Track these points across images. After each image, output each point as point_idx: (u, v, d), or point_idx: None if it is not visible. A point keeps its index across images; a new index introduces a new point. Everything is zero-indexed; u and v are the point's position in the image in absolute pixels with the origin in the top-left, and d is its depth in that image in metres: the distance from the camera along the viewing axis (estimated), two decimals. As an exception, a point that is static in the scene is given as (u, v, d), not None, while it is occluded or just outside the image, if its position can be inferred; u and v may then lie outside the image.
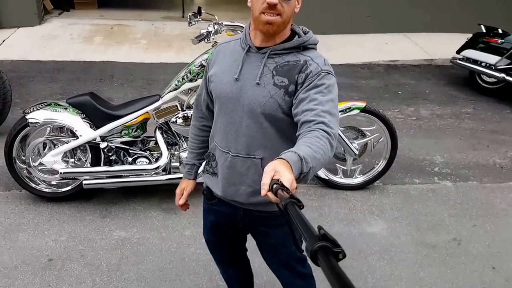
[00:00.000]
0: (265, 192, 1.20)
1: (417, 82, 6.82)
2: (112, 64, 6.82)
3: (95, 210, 3.46)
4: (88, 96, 3.32)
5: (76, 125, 3.24)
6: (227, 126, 1.73)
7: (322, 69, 1.60)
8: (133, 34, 8.11)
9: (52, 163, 3.28)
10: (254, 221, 1.88)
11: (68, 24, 8.27)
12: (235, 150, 1.72)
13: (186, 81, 3.28)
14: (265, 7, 1.52)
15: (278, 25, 1.56)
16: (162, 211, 3.49)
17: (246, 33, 1.71)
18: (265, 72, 1.64)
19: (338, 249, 0.84)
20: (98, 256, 3.01)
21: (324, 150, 1.42)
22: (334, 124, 1.52)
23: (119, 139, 3.39)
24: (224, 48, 1.79)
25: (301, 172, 1.32)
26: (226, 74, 1.71)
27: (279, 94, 1.61)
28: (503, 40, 6.03)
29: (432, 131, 5.27)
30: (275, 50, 1.64)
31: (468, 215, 3.71)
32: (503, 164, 4.59)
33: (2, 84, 4.25)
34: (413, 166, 4.43)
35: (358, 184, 3.93)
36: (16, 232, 3.19)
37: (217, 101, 1.76)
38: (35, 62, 6.56)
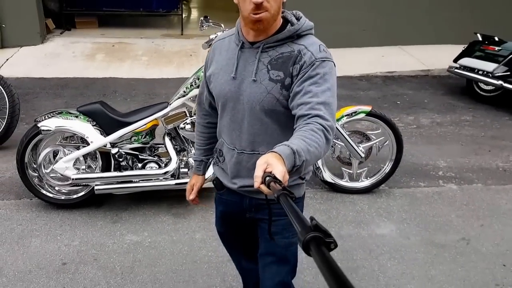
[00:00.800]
0: (258, 184, 1.21)
1: (415, 92, 6.88)
2: (114, 80, 6.87)
3: (105, 216, 3.46)
4: (98, 104, 3.36)
5: (87, 132, 3.27)
6: (231, 124, 1.74)
7: (317, 57, 1.56)
8: (134, 51, 8.18)
9: (64, 169, 3.29)
10: (259, 209, 1.87)
11: (70, 42, 8.34)
12: (240, 147, 1.74)
13: (194, 87, 3.32)
14: (253, 7, 1.49)
15: (267, 21, 1.54)
16: (172, 216, 3.50)
17: (238, 29, 1.68)
18: (260, 68, 1.61)
19: (330, 239, 0.84)
20: (111, 259, 3.01)
21: (318, 143, 1.42)
22: (330, 116, 1.51)
23: (129, 145, 3.42)
24: (220, 45, 1.77)
25: (294, 165, 1.33)
26: (223, 73, 1.70)
27: (276, 89, 1.59)
28: (500, 48, 6.10)
29: (433, 138, 5.31)
30: (267, 43, 1.61)
31: (475, 216, 3.73)
32: (506, 167, 4.62)
33: (11, 98, 4.29)
34: (417, 171, 4.46)
35: (364, 187, 3.95)
36: (28, 238, 3.19)
37: (218, 101, 1.76)
38: (39, 79, 6.60)
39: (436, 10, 8.60)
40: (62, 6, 8.91)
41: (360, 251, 3.21)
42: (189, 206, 3.62)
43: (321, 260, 0.77)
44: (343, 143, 3.77)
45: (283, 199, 1.04)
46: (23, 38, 7.72)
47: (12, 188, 3.78)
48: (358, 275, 2.99)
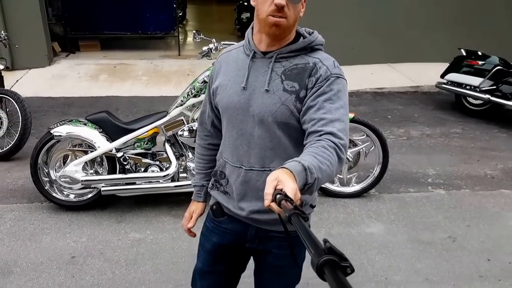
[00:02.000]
0: (268, 202, 1.14)
1: (405, 107, 7.11)
2: (117, 98, 7.15)
3: (110, 217, 3.69)
4: (104, 113, 3.65)
5: (94, 138, 3.53)
6: (238, 139, 1.63)
7: (332, 72, 1.52)
8: (135, 71, 8.49)
9: (74, 172, 3.54)
10: (265, 241, 1.73)
11: (75, 64, 8.66)
12: (248, 164, 1.62)
13: (191, 97, 3.59)
14: (273, 9, 1.45)
15: (284, 28, 1.50)
16: (172, 217, 3.71)
17: (249, 39, 1.63)
18: (274, 78, 1.55)
19: (346, 263, 0.79)
20: (116, 253, 3.23)
21: (330, 161, 1.35)
22: (344, 134, 1.45)
23: (132, 150, 3.67)
24: (227, 57, 1.70)
25: (305, 183, 1.25)
26: (232, 84, 1.61)
27: (290, 100, 1.52)
28: (483, 62, 6.32)
29: (422, 148, 5.52)
30: (281, 53, 1.56)
31: (462, 217, 3.92)
32: (494, 174, 4.82)
33: (23, 111, 4.56)
34: (407, 178, 4.67)
35: (355, 192, 4.16)
36: (40, 235, 3.42)
37: (224, 114, 1.66)
38: (47, 98, 6.88)
39: (423, 29, 8.84)
40: (67, 30, 9.29)
41: (349, 247, 3.41)
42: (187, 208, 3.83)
43: (336, 285, 0.72)
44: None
45: (295, 219, 0.97)
46: (32, 61, 8.05)
47: (24, 193, 4.03)
48: (348, 267, 3.17)
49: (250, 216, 1.66)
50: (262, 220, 1.66)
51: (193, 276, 1.95)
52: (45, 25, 8.27)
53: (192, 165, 3.66)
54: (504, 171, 4.90)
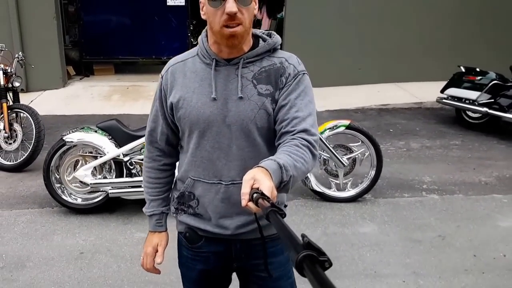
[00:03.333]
0: (245, 202, 1.14)
1: (408, 122, 7.30)
2: (128, 116, 7.44)
3: (118, 219, 3.94)
4: (114, 120, 3.93)
5: (103, 144, 3.80)
6: (213, 153, 1.54)
7: (299, 70, 1.54)
8: (147, 92, 8.81)
9: (84, 176, 3.80)
10: (252, 253, 1.64)
11: (88, 86, 9.03)
12: (228, 178, 1.54)
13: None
14: (226, 18, 1.40)
15: (241, 35, 1.45)
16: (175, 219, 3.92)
17: (205, 47, 1.54)
18: (245, 84, 1.50)
19: (324, 258, 0.80)
20: (122, 250, 3.46)
21: (305, 159, 1.37)
22: (315, 128, 1.48)
23: (139, 156, 3.91)
24: (181, 68, 1.58)
25: (281, 181, 1.27)
26: (198, 95, 1.52)
27: (267, 103, 1.50)
28: (481, 77, 6.57)
29: (421, 159, 5.69)
30: (247, 58, 1.52)
31: (453, 219, 4.08)
32: (488, 181, 4.97)
33: (37, 124, 4.86)
34: (403, 185, 4.84)
35: (351, 196, 4.35)
36: (51, 235, 3.68)
37: (194, 129, 1.54)
38: (61, 116, 7.21)
39: (428, 50, 9.14)
40: (82, 55, 9.70)
41: (343, 245, 3.59)
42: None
43: (316, 280, 0.73)
44: (328, 155, 4.20)
45: (273, 217, 0.98)
46: (46, 83, 8.45)
47: (36, 199, 4.30)
48: (339, 262, 3.35)
49: (235, 232, 1.59)
50: (247, 231, 1.60)
51: None
52: (61, 50, 8.70)
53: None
54: (498, 178, 5.04)
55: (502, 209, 4.30)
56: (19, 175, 4.86)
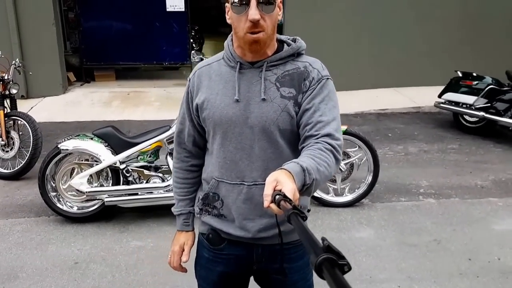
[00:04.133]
0: (267, 203, 1.13)
1: (406, 126, 7.26)
2: (129, 122, 7.42)
3: (114, 227, 3.89)
4: (110, 127, 3.90)
5: (99, 151, 3.76)
6: (236, 154, 1.55)
7: (323, 75, 1.54)
8: (148, 98, 8.79)
9: (79, 184, 3.76)
10: (274, 258, 1.64)
11: (89, 92, 9.01)
12: (250, 179, 1.55)
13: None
14: (249, 26, 1.43)
15: (264, 41, 1.48)
16: (173, 227, 3.74)
17: (230, 51, 1.58)
18: (268, 86, 1.51)
19: (343, 261, 0.80)
20: (118, 259, 3.41)
21: (328, 162, 1.36)
22: (339, 133, 1.47)
23: (135, 163, 3.88)
24: (207, 71, 1.62)
25: (304, 184, 1.26)
26: (221, 97, 1.54)
27: (290, 106, 1.50)
28: (477, 82, 6.57)
29: (419, 163, 5.66)
30: (271, 61, 1.53)
31: (449, 222, 4.04)
32: (484, 185, 4.93)
33: (34, 132, 4.82)
34: (400, 189, 4.80)
35: (348, 201, 4.31)
36: (46, 245, 3.63)
37: (217, 129, 1.56)
38: (60, 123, 7.18)
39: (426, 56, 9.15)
40: (83, 61, 9.68)
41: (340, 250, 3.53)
42: (189, 219, 4.01)
43: (334, 283, 0.73)
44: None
45: (294, 219, 0.98)
46: (46, 89, 8.43)
47: (32, 208, 4.25)
48: (335, 268, 3.30)
49: (254, 235, 1.58)
50: (268, 236, 1.58)
51: None
52: (61, 56, 8.68)
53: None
54: (494, 181, 5.01)
55: (497, 212, 4.27)
56: (16, 183, 4.83)
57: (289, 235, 1.56)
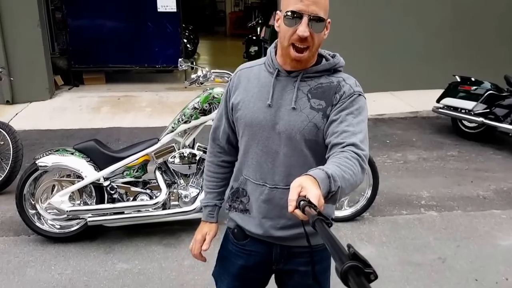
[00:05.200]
0: (292, 208, 1.13)
1: (404, 132, 7.07)
2: (118, 129, 7.15)
3: (99, 248, 3.61)
4: (92, 141, 3.62)
5: (81, 167, 3.49)
6: (262, 156, 1.61)
7: (355, 90, 1.57)
8: (139, 103, 8.53)
9: (60, 203, 3.48)
10: (292, 259, 1.70)
11: (77, 97, 8.72)
12: (272, 182, 1.61)
13: (181, 123, 3.57)
14: (296, 38, 1.48)
15: (306, 61, 1.55)
16: (163, 246, 3.64)
17: (272, 57, 1.63)
18: (300, 96, 1.56)
19: (370, 270, 0.79)
20: (101, 285, 3.16)
21: (353, 171, 1.35)
22: (365, 145, 1.48)
23: (121, 179, 3.62)
24: (247, 73, 1.69)
25: (329, 191, 1.25)
26: (255, 100, 1.61)
27: (318, 118, 1.54)
28: (476, 87, 6.38)
29: (418, 172, 5.45)
30: (307, 73, 1.58)
31: (452, 238, 3.84)
32: (486, 195, 4.74)
33: (15, 143, 4.52)
34: (401, 200, 4.59)
35: (348, 216, 4.08)
36: (24, 268, 3.35)
37: (246, 130, 1.63)
38: (46, 131, 6.89)
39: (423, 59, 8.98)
40: (71, 63, 9.36)
41: (339, 272, 3.31)
42: (180, 237, 3.77)
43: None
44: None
45: (319, 225, 0.97)
46: (32, 94, 8.11)
47: (11, 226, 3.95)
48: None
49: (271, 233, 1.65)
50: (285, 236, 1.65)
51: None
52: (47, 58, 8.36)
53: (184, 192, 3.62)
54: (496, 191, 4.82)
55: (502, 226, 4.08)
56: (-5, 198, 4.53)
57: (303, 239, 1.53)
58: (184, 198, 3.59)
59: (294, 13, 1.47)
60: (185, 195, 3.60)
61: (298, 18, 1.47)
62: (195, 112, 3.54)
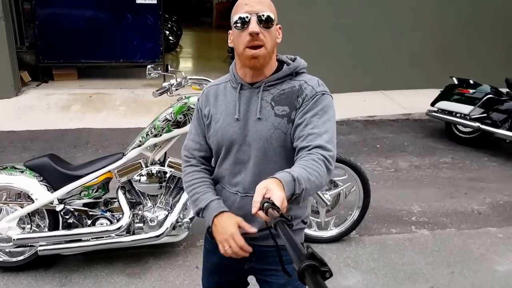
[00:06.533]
0: (255, 210, 1.21)
1: (396, 136, 6.84)
2: (88, 130, 6.81)
3: (54, 279, 3.29)
4: (46, 157, 3.26)
5: (31, 188, 3.15)
6: (234, 167, 1.70)
7: (317, 91, 1.63)
8: (112, 101, 8.18)
9: (7, 229, 3.15)
10: (262, 259, 1.78)
11: (45, 94, 8.33)
12: (243, 190, 1.69)
13: (151, 136, 3.26)
14: (249, 39, 1.55)
15: (263, 57, 1.59)
16: (126, 276, 3.34)
17: (234, 73, 1.72)
18: (264, 106, 1.64)
19: (325, 268, 0.85)
20: (52, 326, 2.84)
21: (319, 172, 1.44)
22: (332, 145, 1.55)
23: (78, 201, 3.30)
24: (214, 91, 1.77)
25: (293, 193, 1.34)
26: (224, 117, 1.69)
27: (284, 124, 1.62)
28: (474, 90, 6.14)
29: (410, 181, 5.23)
30: (268, 82, 1.65)
31: (446, 262, 3.61)
32: (481, 210, 4.53)
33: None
34: (390, 216, 4.35)
35: (333, 236, 3.83)
36: (-34, 304, 3.03)
37: (220, 146, 1.71)
38: (8, 133, 6.53)
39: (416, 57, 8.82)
40: (39, 58, 8.94)
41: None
42: (146, 264, 3.47)
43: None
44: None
45: (281, 227, 1.03)
46: (-4, 92, 7.73)
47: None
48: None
49: (246, 236, 1.63)
50: (255, 237, 1.66)
51: None
52: (11, 53, 7.97)
53: (150, 215, 3.30)
54: (491, 205, 4.63)
55: (498, 247, 3.86)
56: None
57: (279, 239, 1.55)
58: (150, 222, 3.27)
59: (241, 18, 1.58)
60: (151, 218, 3.28)
61: (247, 22, 1.57)
62: (167, 124, 3.23)
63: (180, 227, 3.33)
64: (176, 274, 3.36)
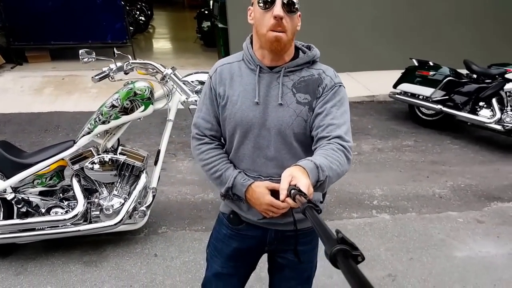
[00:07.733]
0: (283, 197, 1.18)
1: (360, 118, 6.68)
2: (59, 114, 6.49)
3: (10, 267, 3.06)
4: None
5: (-19, 177, 2.90)
6: (254, 152, 1.62)
7: (335, 82, 1.59)
8: (84, 83, 7.83)
9: (-43, 219, 2.91)
10: (284, 242, 1.75)
11: (19, 77, 7.94)
12: (266, 175, 1.62)
13: (99, 123, 3.00)
14: (273, 23, 1.46)
15: (285, 42, 1.51)
16: (83, 264, 3.12)
17: (250, 53, 1.61)
18: (285, 91, 1.57)
19: (357, 252, 0.83)
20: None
21: (340, 162, 1.41)
22: (349, 136, 1.53)
23: (33, 189, 3.06)
24: (228, 70, 1.64)
25: (317, 180, 1.31)
26: (242, 99, 1.58)
27: (304, 111, 1.56)
28: (434, 72, 5.97)
29: (372, 165, 5.08)
30: (288, 67, 1.58)
31: (405, 248, 3.47)
32: (442, 194, 4.41)
33: None
34: (352, 200, 4.21)
35: None
36: None
37: (237, 129, 1.61)
38: (-21, 117, 6.18)
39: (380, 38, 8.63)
40: (9, 40, 8.48)
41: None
42: (104, 252, 3.25)
43: (349, 273, 0.75)
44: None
45: (309, 212, 1.01)
46: (-32, 74, 7.31)
47: None
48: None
49: (268, 221, 1.65)
50: (281, 223, 1.67)
51: (208, 280, 1.91)
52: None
53: (105, 203, 3.08)
54: (453, 189, 4.50)
55: (458, 232, 3.73)
56: None
57: (300, 223, 1.61)
58: (106, 210, 3.05)
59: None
60: (107, 207, 3.05)
61: (272, 2, 1.47)
62: (114, 111, 2.99)
63: (136, 215, 3.12)
64: (133, 262, 3.15)
